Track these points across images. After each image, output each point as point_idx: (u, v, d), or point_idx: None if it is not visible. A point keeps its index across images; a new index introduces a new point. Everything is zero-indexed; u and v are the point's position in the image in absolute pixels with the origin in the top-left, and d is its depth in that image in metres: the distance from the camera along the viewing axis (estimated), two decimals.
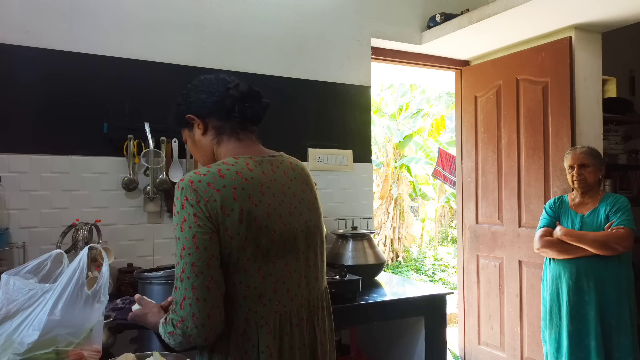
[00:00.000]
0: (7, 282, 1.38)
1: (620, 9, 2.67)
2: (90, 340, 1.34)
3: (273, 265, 1.15)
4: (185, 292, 1.06)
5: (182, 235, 1.08)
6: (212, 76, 1.32)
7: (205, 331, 1.06)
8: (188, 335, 1.07)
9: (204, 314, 1.05)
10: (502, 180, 3.35)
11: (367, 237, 2.65)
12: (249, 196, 1.13)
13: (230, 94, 1.25)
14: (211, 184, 1.10)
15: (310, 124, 2.94)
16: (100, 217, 2.33)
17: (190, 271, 1.06)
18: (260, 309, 1.14)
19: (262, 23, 2.80)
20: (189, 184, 1.10)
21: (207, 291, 1.06)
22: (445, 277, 8.14)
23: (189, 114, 1.27)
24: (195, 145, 1.30)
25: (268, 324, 1.14)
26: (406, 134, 8.81)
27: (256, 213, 1.13)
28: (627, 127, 3.82)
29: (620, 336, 2.36)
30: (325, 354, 1.28)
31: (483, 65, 3.53)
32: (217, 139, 1.26)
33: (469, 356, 3.60)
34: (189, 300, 1.06)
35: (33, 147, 2.26)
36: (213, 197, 1.09)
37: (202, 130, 1.26)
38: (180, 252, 1.08)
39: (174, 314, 1.09)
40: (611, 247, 2.32)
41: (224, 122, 1.25)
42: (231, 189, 1.11)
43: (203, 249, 1.07)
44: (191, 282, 1.06)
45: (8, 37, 2.23)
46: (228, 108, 1.24)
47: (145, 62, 2.50)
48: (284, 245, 1.18)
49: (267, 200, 1.16)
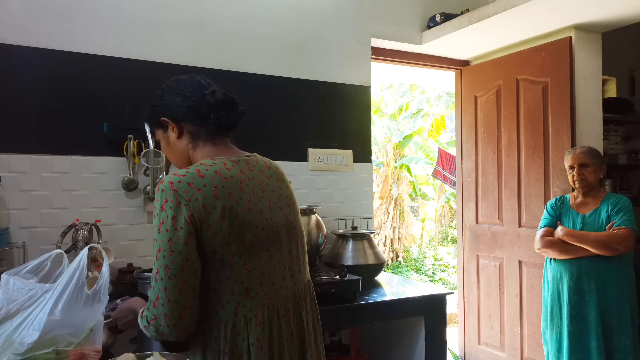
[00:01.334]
0: (7, 282, 1.38)
1: (620, 9, 2.67)
2: (90, 340, 1.34)
3: (258, 259, 1.18)
4: (159, 292, 1.10)
5: (159, 237, 1.11)
6: (187, 78, 1.30)
7: (176, 330, 1.10)
8: (160, 333, 1.11)
9: (175, 314, 1.09)
10: (502, 180, 3.35)
11: (367, 237, 2.65)
12: (230, 194, 1.15)
13: (206, 101, 1.24)
14: (191, 183, 1.12)
15: (310, 124, 2.94)
16: (100, 217, 2.33)
17: (164, 273, 1.09)
18: (249, 302, 1.16)
19: (262, 23, 2.80)
20: (169, 186, 1.11)
21: (180, 294, 1.09)
22: (445, 277, 8.14)
23: (164, 116, 1.27)
24: (169, 147, 1.31)
25: (257, 316, 1.17)
26: (406, 134, 8.81)
27: (238, 209, 1.15)
28: (627, 127, 3.82)
29: (621, 337, 2.36)
30: (312, 343, 1.31)
31: (483, 65, 3.53)
32: (193, 143, 1.27)
33: (469, 356, 3.60)
34: (162, 301, 1.09)
35: (33, 147, 2.26)
36: (194, 196, 1.11)
37: (177, 134, 1.27)
38: (157, 254, 1.11)
39: (148, 311, 1.13)
40: (612, 248, 2.32)
41: (200, 127, 1.26)
42: (212, 188, 1.13)
43: (177, 252, 1.09)
44: (164, 284, 1.09)
45: (8, 37, 2.23)
46: (204, 114, 1.24)
47: (145, 62, 2.50)
48: (267, 240, 1.20)
49: (248, 197, 1.18)
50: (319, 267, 2.49)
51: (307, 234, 2.52)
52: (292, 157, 2.87)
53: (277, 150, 2.82)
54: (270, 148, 2.80)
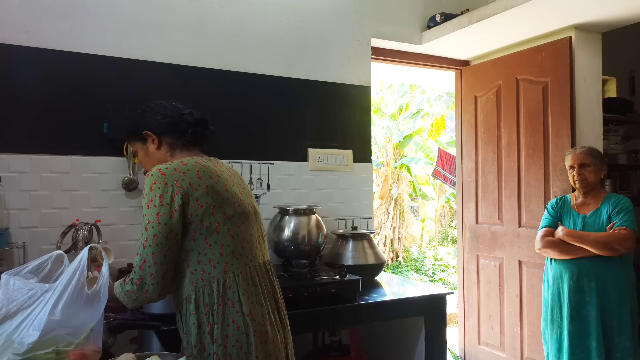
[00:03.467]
0: (7, 282, 1.37)
1: (620, 9, 2.67)
2: (90, 340, 1.34)
3: (238, 228, 1.46)
4: (146, 257, 1.35)
5: (148, 212, 1.37)
6: (166, 102, 1.58)
7: (159, 288, 1.35)
8: (145, 291, 1.35)
9: (159, 274, 1.35)
10: (502, 180, 3.35)
11: (367, 237, 2.64)
12: (210, 176, 1.44)
13: (185, 119, 1.54)
14: (177, 169, 1.40)
15: (310, 124, 2.94)
16: (100, 217, 2.33)
17: (152, 240, 1.35)
18: (235, 261, 1.43)
19: (262, 23, 2.80)
20: (158, 171, 1.39)
21: (164, 258, 1.35)
22: (445, 277, 8.14)
23: (146, 130, 1.53)
24: (147, 157, 1.56)
25: (243, 273, 1.43)
26: (406, 134, 8.80)
27: (218, 188, 1.44)
28: (627, 127, 3.82)
29: (621, 337, 2.36)
30: (282, 302, 1.58)
31: (483, 65, 3.53)
32: (171, 152, 1.54)
33: (469, 356, 3.60)
34: (148, 263, 1.34)
35: (33, 147, 2.26)
36: (181, 177, 1.39)
37: (157, 145, 1.54)
38: (146, 225, 1.36)
39: (133, 274, 1.36)
40: (613, 248, 2.32)
41: (177, 139, 1.54)
42: (195, 172, 1.42)
43: (164, 224, 1.35)
44: (152, 250, 1.34)
45: (8, 37, 2.23)
46: (182, 129, 1.53)
47: (145, 62, 2.50)
48: (242, 215, 1.49)
49: (224, 181, 1.48)
50: (319, 267, 2.49)
51: (307, 234, 2.52)
52: (292, 157, 2.87)
53: (277, 150, 2.82)
54: (270, 148, 2.80)
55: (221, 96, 2.65)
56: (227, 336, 1.37)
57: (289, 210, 2.54)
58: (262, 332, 1.42)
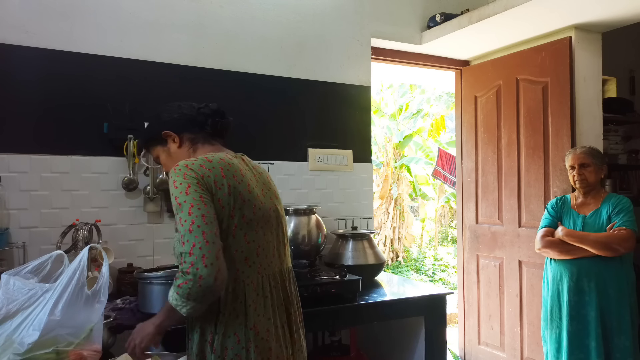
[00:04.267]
0: (7, 282, 1.38)
1: (620, 9, 2.67)
2: (90, 340, 1.34)
3: (255, 233, 1.37)
4: (195, 239, 1.20)
5: (188, 198, 1.25)
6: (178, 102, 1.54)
7: (214, 270, 1.19)
8: (199, 277, 1.18)
9: (213, 254, 1.20)
10: (502, 180, 3.35)
11: (367, 237, 2.64)
12: (233, 175, 1.36)
13: (202, 112, 1.49)
14: (203, 165, 1.33)
15: (310, 124, 2.94)
16: (100, 217, 2.33)
17: (201, 221, 1.22)
18: (247, 269, 1.35)
19: (262, 23, 2.80)
20: (185, 166, 1.31)
21: (215, 236, 1.23)
22: (445, 277, 8.14)
23: (165, 130, 1.48)
24: (170, 157, 1.50)
25: (253, 282, 1.35)
26: (406, 134, 8.80)
27: (240, 189, 1.35)
28: (627, 127, 3.82)
29: (620, 337, 2.36)
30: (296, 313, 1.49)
31: (483, 65, 3.53)
32: (193, 147, 1.48)
33: (469, 356, 3.60)
34: (199, 245, 1.19)
35: (33, 147, 2.26)
36: (206, 174, 1.31)
37: (178, 143, 1.48)
38: (189, 210, 1.23)
39: (182, 265, 1.21)
40: (613, 248, 2.32)
41: (197, 133, 1.49)
42: (219, 169, 1.34)
43: (210, 204, 1.27)
44: (202, 230, 1.21)
45: (8, 37, 2.23)
46: (201, 122, 1.48)
47: (145, 62, 2.50)
48: (262, 219, 1.40)
49: (247, 181, 1.40)
50: (319, 267, 2.49)
51: (307, 234, 2.52)
52: (292, 157, 2.87)
53: (277, 150, 2.82)
54: (270, 148, 2.80)
55: (221, 96, 2.64)
56: (226, 348, 1.30)
57: (289, 210, 2.54)
58: (265, 348, 1.33)
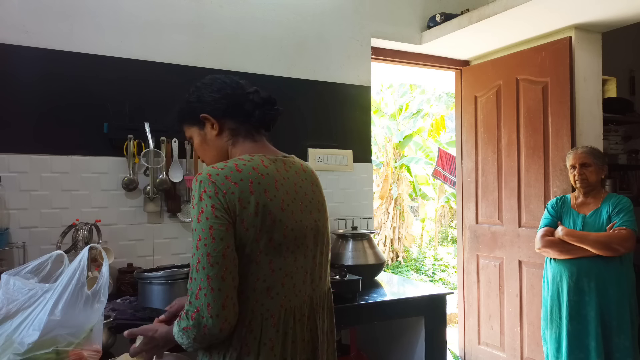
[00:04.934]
0: (7, 282, 1.38)
1: (620, 9, 2.67)
2: (90, 340, 1.34)
3: (283, 260, 1.18)
4: (201, 282, 1.07)
5: (199, 227, 1.09)
6: (224, 77, 1.32)
7: (220, 321, 1.06)
8: (203, 326, 1.06)
9: (218, 303, 1.06)
10: (502, 180, 3.35)
11: (367, 237, 2.64)
12: (265, 190, 1.15)
13: (251, 99, 1.27)
14: (229, 177, 1.12)
15: (310, 124, 2.94)
16: (100, 217, 2.33)
17: (205, 261, 1.07)
18: (268, 301, 1.16)
19: (262, 23, 2.80)
20: (207, 177, 1.12)
21: (222, 281, 1.07)
22: (445, 277, 8.14)
23: (204, 113, 1.26)
24: (206, 144, 1.30)
25: (273, 317, 1.16)
26: (406, 134, 8.81)
27: (271, 207, 1.15)
28: (627, 127, 3.82)
29: (620, 337, 2.36)
30: (324, 354, 1.29)
31: (483, 65, 3.53)
32: (233, 140, 1.27)
33: (469, 356, 3.60)
34: (204, 290, 1.06)
35: (33, 147, 2.26)
36: (231, 189, 1.11)
37: (217, 130, 1.27)
38: (197, 243, 1.09)
39: (189, 305, 1.08)
40: (613, 248, 2.32)
41: (240, 124, 1.27)
42: (248, 183, 1.14)
43: (219, 239, 1.08)
44: (206, 272, 1.06)
45: (8, 37, 2.23)
46: (248, 112, 1.26)
47: (145, 62, 2.50)
48: (294, 241, 1.20)
49: (282, 196, 1.19)
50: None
51: None
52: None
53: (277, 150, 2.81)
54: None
55: None
56: None
57: None
58: None
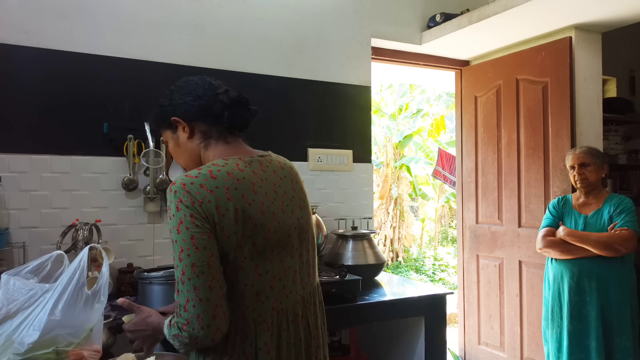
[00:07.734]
0: (7, 282, 1.38)
1: (620, 9, 2.67)
2: (90, 340, 1.34)
3: (269, 263, 1.16)
4: (188, 294, 1.04)
5: (179, 238, 1.06)
6: (197, 78, 1.28)
7: (212, 331, 1.05)
8: (195, 338, 1.05)
9: (208, 314, 1.04)
10: (502, 180, 3.35)
11: (367, 237, 2.64)
12: (242, 195, 1.12)
13: (220, 100, 1.23)
14: (203, 185, 1.09)
15: (310, 124, 2.94)
16: (100, 217, 2.33)
17: (190, 272, 1.04)
18: (258, 306, 1.14)
19: (262, 23, 2.80)
20: (182, 187, 1.08)
21: (210, 291, 1.05)
22: (445, 277, 8.14)
23: (175, 116, 1.24)
24: (179, 148, 1.28)
25: (266, 321, 1.15)
26: (406, 134, 8.81)
27: (250, 212, 1.12)
28: (627, 127, 3.82)
29: (621, 337, 2.36)
30: (318, 347, 1.29)
31: (483, 65, 3.53)
32: (205, 142, 1.24)
33: (469, 356, 3.60)
34: (193, 302, 1.04)
35: (33, 147, 2.26)
36: (207, 197, 1.08)
37: (188, 133, 1.24)
38: (179, 255, 1.06)
39: (179, 317, 1.06)
40: (614, 249, 2.32)
41: (212, 126, 1.24)
42: (224, 190, 1.10)
43: (202, 248, 1.05)
44: (192, 283, 1.04)
45: (8, 37, 2.23)
46: (217, 113, 1.22)
47: (145, 62, 2.50)
48: (279, 243, 1.18)
49: (260, 199, 1.16)
50: (319, 267, 2.49)
51: None
52: (292, 157, 2.82)
53: (277, 150, 2.77)
54: (270, 148, 2.77)
55: None
56: None
57: None
58: None
